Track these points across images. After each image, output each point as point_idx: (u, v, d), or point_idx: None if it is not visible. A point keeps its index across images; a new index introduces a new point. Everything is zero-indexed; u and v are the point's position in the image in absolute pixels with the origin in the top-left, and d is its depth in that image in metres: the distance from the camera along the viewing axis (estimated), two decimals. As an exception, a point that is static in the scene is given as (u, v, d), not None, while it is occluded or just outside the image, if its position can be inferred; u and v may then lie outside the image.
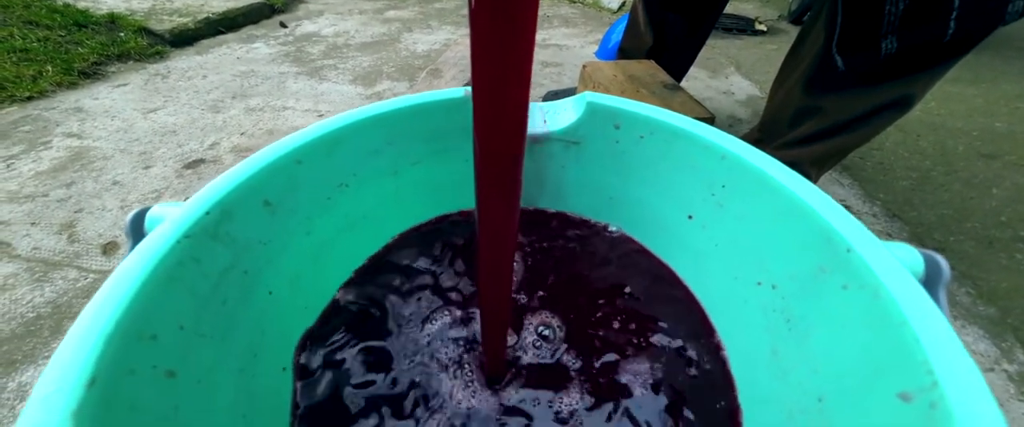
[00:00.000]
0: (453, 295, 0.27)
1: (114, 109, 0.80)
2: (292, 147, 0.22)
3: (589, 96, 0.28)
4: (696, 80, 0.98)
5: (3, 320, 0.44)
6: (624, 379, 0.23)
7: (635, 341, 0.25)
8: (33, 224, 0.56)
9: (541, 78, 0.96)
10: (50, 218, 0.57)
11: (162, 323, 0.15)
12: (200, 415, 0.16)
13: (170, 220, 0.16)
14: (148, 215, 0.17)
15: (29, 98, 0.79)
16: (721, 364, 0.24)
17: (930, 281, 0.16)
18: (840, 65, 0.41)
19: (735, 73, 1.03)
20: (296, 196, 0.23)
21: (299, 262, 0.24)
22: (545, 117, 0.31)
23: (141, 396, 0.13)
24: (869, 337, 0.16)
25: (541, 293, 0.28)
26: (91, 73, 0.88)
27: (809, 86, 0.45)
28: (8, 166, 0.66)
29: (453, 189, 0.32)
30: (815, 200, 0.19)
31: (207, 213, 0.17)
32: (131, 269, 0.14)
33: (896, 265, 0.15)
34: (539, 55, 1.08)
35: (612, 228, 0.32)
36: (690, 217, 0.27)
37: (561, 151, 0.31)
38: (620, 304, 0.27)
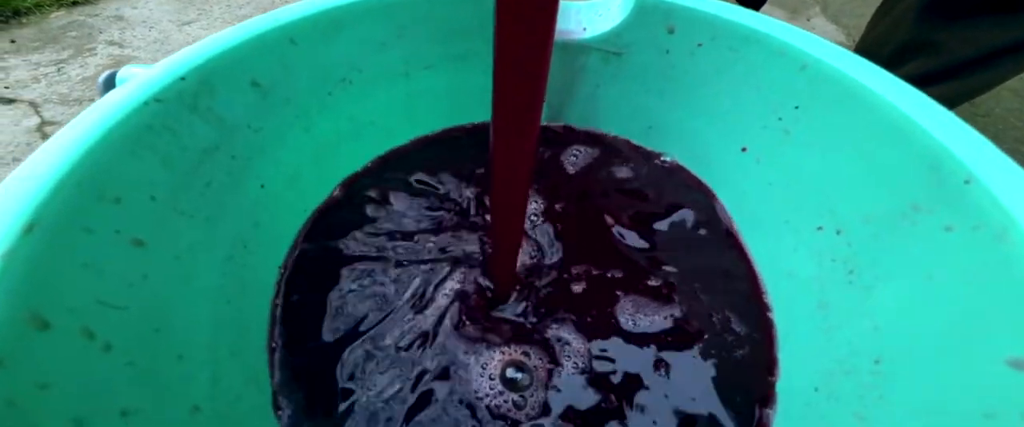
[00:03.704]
0: (462, 208, 0.25)
1: (151, 19, 0.80)
2: (284, 21, 0.19)
3: (639, -11, 0.22)
4: (768, 20, 0.84)
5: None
6: (647, 322, 0.21)
7: (661, 286, 0.22)
8: (81, 126, 0.59)
9: (587, 9, 0.85)
10: (96, 122, 0.59)
11: (127, 188, 0.14)
12: (175, 290, 0.15)
13: (136, 80, 0.14)
14: (119, 75, 0.15)
15: (74, 3, 0.81)
16: (764, 321, 0.21)
17: (1086, 225, 0.12)
18: None
19: (819, 15, 0.87)
20: (291, 82, 0.20)
21: (297, 159, 0.22)
22: (584, 21, 0.26)
23: (99, 257, 0.12)
24: (972, 290, 0.12)
25: (560, 226, 0.25)
26: (129, -19, 0.87)
27: (927, 12, 0.35)
28: (59, 70, 0.68)
29: (473, 103, 0.28)
30: (927, 116, 0.14)
31: (182, 78, 0.15)
32: (88, 123, 0.13)
33: (1040, 199, 0.11)
34: (587, -17, 0.96)
35: (666, 158, 0.28)
36: (744, 149, 0.23)
37: (598, 64, 0.26)
38: (651, 241, 0.24)
